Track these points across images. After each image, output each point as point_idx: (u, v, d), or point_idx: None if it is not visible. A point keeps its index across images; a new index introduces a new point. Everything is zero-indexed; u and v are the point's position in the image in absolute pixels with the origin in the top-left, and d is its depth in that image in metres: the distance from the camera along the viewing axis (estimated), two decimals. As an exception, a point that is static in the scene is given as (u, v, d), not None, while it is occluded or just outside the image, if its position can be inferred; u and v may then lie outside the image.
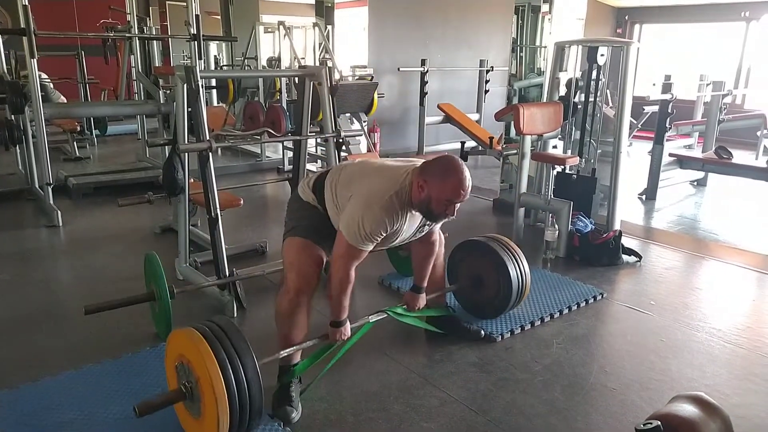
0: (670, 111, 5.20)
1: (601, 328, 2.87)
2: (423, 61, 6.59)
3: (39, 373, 2.26)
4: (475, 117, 7.13)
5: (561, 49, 4.20)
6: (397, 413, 2.10)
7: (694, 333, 2.77)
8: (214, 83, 6.56)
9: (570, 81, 4.24)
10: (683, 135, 6.94)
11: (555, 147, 4.47)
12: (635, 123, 6.75)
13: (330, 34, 7.13)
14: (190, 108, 2.79)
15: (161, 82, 5.44)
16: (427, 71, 6.60)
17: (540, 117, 3.81)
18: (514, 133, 4.78)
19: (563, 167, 3.98)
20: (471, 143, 6.22)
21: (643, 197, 5.41)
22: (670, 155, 5.58)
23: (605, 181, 4.03)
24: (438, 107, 6.70)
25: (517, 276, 2.65)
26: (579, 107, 4.18)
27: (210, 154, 2.70)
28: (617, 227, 3.85)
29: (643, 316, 2.96)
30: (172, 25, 8.55)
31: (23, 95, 4.32)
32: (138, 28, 5.76)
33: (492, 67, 7.27)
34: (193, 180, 3.18)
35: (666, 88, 5.20)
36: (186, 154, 3.01)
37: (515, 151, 4.31)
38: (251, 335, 1.97)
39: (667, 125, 5.32)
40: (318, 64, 6.59)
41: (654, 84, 5.32)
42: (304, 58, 6.96)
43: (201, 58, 4.77)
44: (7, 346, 2.54)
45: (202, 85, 2.74)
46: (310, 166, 4.74)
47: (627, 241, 3.78)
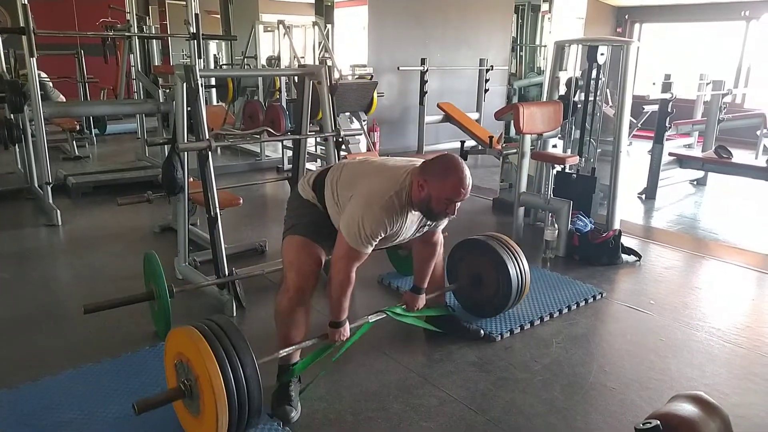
0: (669, 110, 5.20)
1: (601, 327, 2.87)
2: (423, 60, 6.59)
3: (39, 373, 2.26)
4: (475, 116, 7.13)
5: (561, 49, 4.19)
6: (397, 412, 2.10)
7: (693, 332, 2.77)
8: (213, 82, 6.55)
9: (570, 80, 4.24)
10: (683, 134, 6.95)
11: (555, 146, 4.47)
12: (635, 122, 6.75)
13: (330, 33, 7.11)
14: (189, 107, 2.79)
15: (161, 81, 5.42)
16: (427, 70, 6.60)
17: (540, 116, 3.81)
18: (513, 133, 4.78)
19: (563, 166, 3.97)
20: (471, 142, 6.23)
21: (643, 196, 5.41)
22: (669, 154, 5.57)
23: (605, 181, 4.03)
24: (438, 106, 6.70)
25: (517, 274, 2.65)
26: (579, 106, 4.18)
27: (209, 153, 2.70)
28: (617, 226, 3.85)
29: (643, 315, 2.96)
30: (171, 24, 8.52)
31: (23, 94, 4.31)
32: (137, 27, 5.75)
33: (492, 66, 7.27)
34: (193, 179, 3.17)
35: (666, 87, 5.20)
36: (185, 153, 3.01)
37: (515, 151, 4.31)
38: (250, 334, 1.97)
39: (667, 124, 5.32)
40: (318, 63, 6.57)
41: (654, 83, 5.33)
42: (303, 57, 6.94)
43: (200, 57, 4.77)
44: (7, 345, 2.54)
45: (201, 84, 2.73)
46: (309, 165, 4.74)
47: (627, 241, 3.78)
